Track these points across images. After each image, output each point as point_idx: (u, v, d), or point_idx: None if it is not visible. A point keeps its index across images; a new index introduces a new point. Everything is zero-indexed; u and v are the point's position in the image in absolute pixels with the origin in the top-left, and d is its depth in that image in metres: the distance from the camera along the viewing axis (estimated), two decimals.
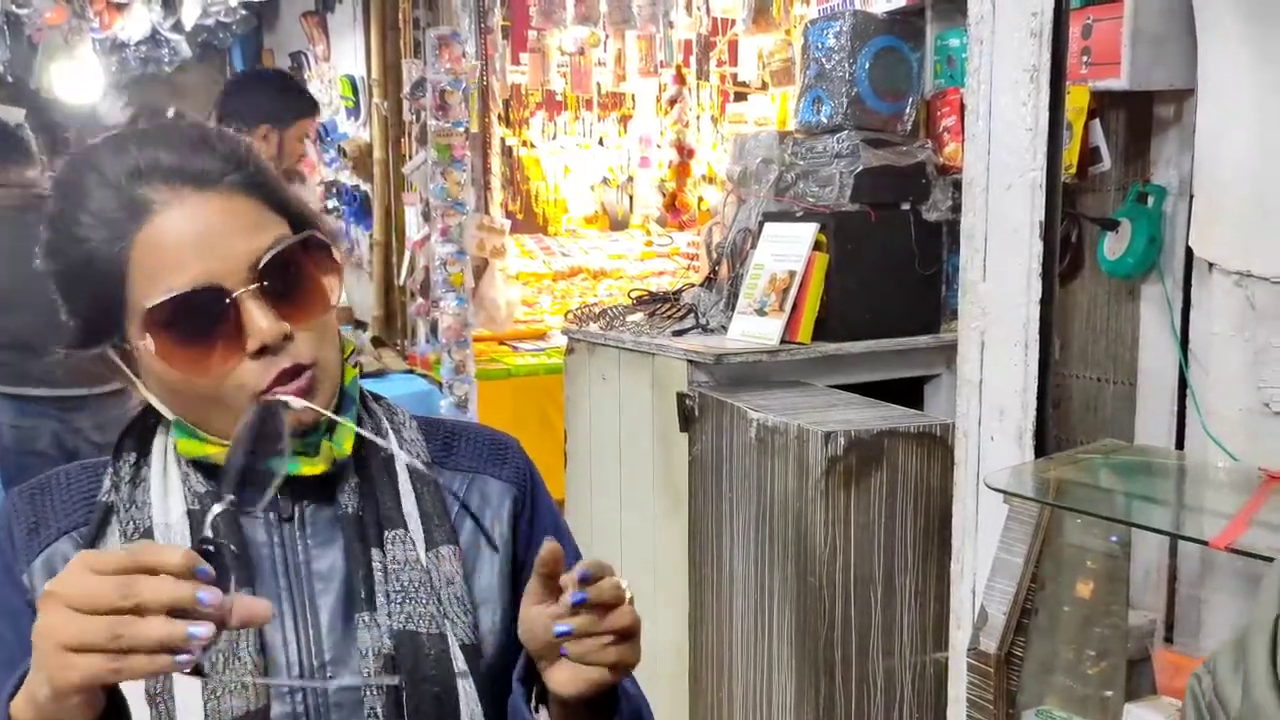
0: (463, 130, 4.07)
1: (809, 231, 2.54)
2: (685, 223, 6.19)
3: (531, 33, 5.35)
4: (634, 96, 6.29)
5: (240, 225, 0.95)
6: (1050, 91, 1.65)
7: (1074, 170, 1.99)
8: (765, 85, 5.04)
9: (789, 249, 2.57)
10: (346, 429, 1.01)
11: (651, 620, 0.98)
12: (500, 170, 5.46)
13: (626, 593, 0.91)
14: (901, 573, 2.16)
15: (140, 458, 1.02)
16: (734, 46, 5.58)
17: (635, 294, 3.14)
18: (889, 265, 2.59)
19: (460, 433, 1.16)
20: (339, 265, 1.02)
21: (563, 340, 3.11)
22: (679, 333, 2.69)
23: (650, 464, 2.61)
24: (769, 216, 2.68)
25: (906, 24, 2.68)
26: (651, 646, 0.95)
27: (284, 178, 1.06)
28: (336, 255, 1.02)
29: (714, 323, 2.74)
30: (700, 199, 6.07)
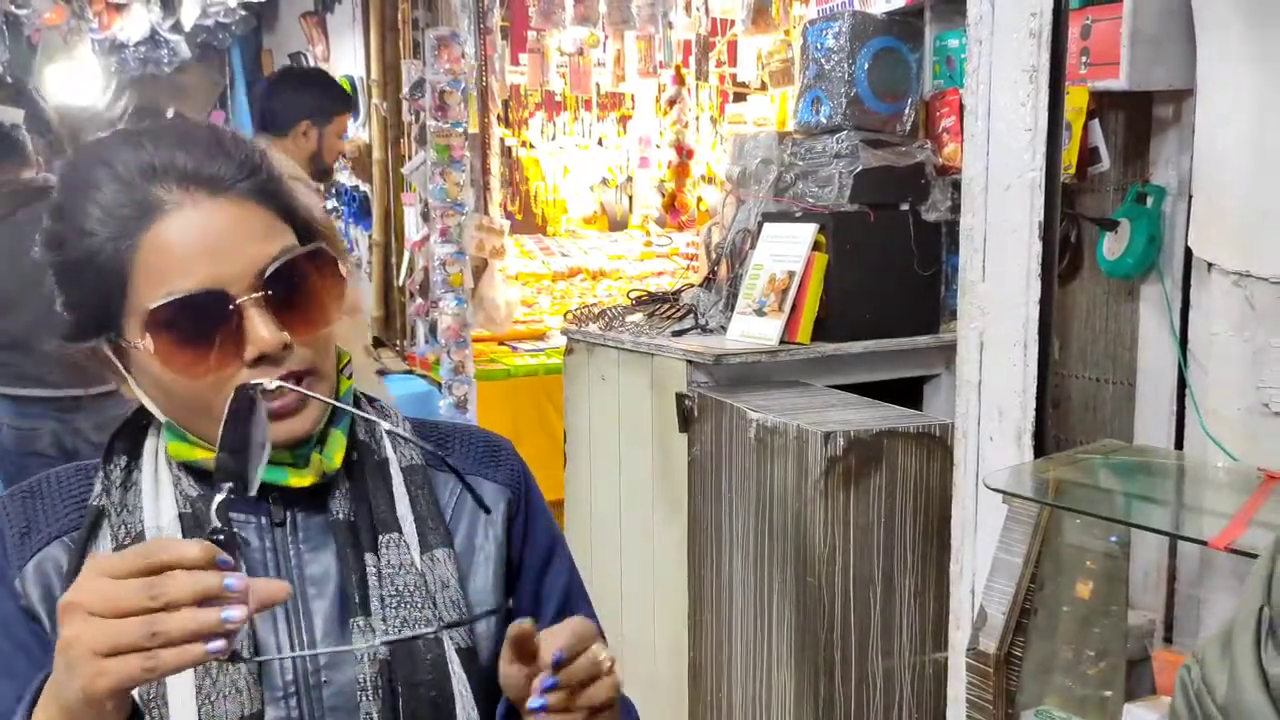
0: (462, 131, 4.07)
1: (808, 232, 2.54)
2: (684, 223, 6.18)
3: (531, 33, 5.34)
4: (633, 97, 6.28)
5: (249, 232, 0.95)
6: (1049, 92, 1.65)
7: (1073, 170, 1.99)
8: (764, 86, 5.04)
9: (788, 249, 2.57)
10: (336, 443, 1.01)
11: (651, 620, 0.98)
12: (499, 171, 5.45)
13: (605, 663, 0.90)
14: (901, 573, 2.16)
15: (131, 461, 1.01)
16: (733, 47, 5.58)
17: (634, 294, 3.14)
18: (888, 266, 2.59)
19: (454, 435, 1.15)
20: (344, 279, 1.01)
21: (562, 341, 3.11)
22: (678, 333, 2.69)
23: (650, 464, 2.61)
24: (768, 217, 2.68)
25: (905, 24, 2.68)
26: (651, 647, 0.95)
27: (322, 176, 1.06)
28: (343, 269, 1.01)
29: (713, 323, 2.74)
30: (699, 199, 6.06)
